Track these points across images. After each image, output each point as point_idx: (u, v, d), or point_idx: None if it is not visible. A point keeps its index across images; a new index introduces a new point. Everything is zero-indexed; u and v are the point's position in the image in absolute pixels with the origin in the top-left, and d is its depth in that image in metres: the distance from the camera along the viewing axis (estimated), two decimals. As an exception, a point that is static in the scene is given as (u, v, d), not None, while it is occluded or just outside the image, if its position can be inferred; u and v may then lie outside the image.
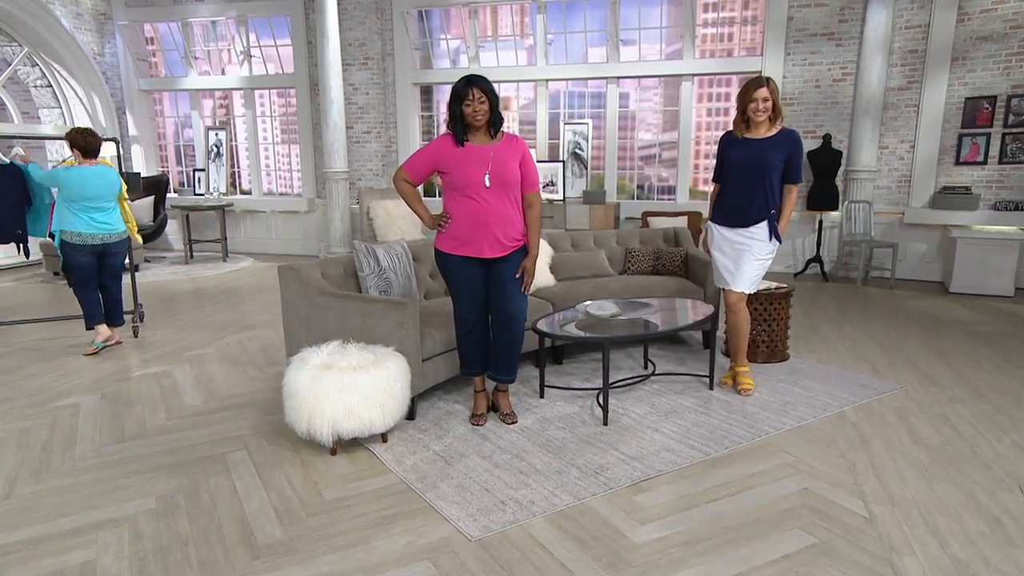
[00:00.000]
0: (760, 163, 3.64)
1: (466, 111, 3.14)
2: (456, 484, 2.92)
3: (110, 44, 9.48)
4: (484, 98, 3.13)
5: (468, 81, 3.13)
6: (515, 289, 3.33)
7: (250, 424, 3.59)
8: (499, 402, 3.63)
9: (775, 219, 3.73)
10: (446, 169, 3.23)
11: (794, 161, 3.67)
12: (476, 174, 3.18)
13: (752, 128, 3.69)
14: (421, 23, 8.83)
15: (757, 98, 3.59)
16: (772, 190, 3.69)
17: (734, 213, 3.79)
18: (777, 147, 3.64)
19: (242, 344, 5.07)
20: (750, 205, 3.71)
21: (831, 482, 2.89)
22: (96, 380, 4.29)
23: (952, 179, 7.01)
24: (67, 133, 4.81)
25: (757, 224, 3.73)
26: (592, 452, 3.20)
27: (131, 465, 3.12)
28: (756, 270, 3.79)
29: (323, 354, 3.26)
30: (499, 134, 3.26)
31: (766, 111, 3.61)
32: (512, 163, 3.23)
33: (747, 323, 3.93)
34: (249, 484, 2.95)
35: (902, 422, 3.50)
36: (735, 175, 3.74)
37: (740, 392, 3.89)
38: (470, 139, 3.23)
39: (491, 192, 3.19)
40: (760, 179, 3.66)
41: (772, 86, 3.60)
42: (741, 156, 3.69)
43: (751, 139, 3.69)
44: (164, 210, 9.00)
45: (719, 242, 3.89)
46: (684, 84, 8.03)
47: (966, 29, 6.70)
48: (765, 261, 3.79)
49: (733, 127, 3.79)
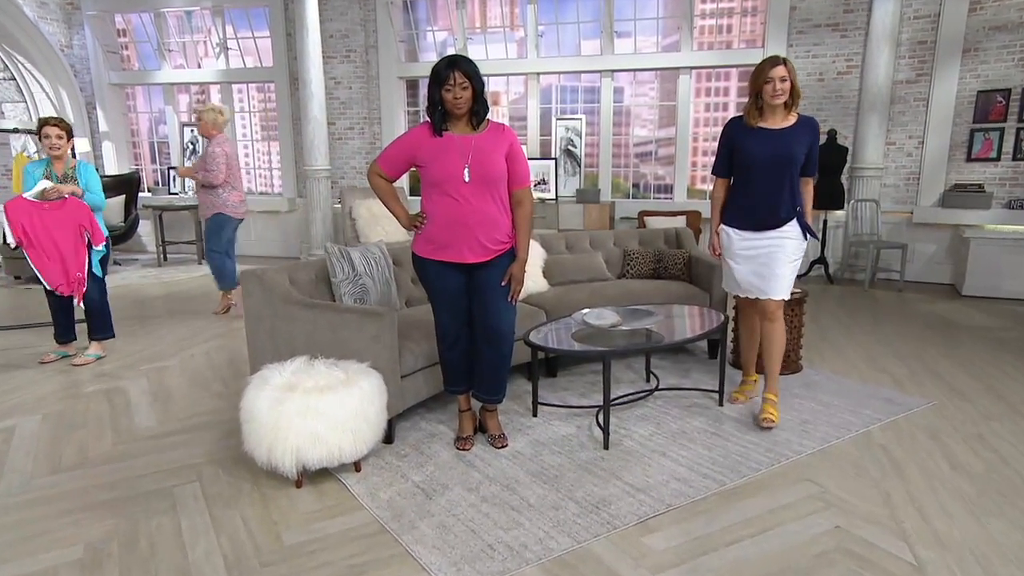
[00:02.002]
0: (787, 157, 3.19)
1: (445, 97, 2.75)
2: (437, 523, 2.53)
3: (78, 35, 9.02)
4: (467, 83, 2.74)
5: (450, 62, 2.74)
6: (501, 299, 2.95)
7: (206, 450, 3.19)
8: (487, 423, 3.25)
9: (803, 215, 3.31)
10: (422, 162, 2.85)
11: (814, 152, 3.27)
12: (454, 167, 2.79)
13: (767, 115, 3.23)
14: (406, 14, 8.44)
15: (774, 77, 3.11)
16: (794, 185, 3.27)
17: (758, 215, 3.30)
18: (800, 138, 3.22)
19: (208, 355, 4.66)
20: (777, 205, 3.25)
21: (866, 518, 2.52)
22: (39, 398, 3.87)
23: (963, 176, 6.69)
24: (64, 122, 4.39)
25: (787, 224, 3.28)
26: (592, 482, 2.83)
27: (62, 503, 2.71)
28: (791, 272, 3.35)
29: (286, 373, 2.87)
30: (483, 124, 2.88)
31: (784, 94, 3.14)
32: (497, 155, 2.84)
33: (784, 336, 3.43)
34: (197, 525, 2.55)
35: (936, 444, 3.15)
36: (756, 170, 3.26)
37: (762, 423, 3.32)
38: (450, 128, 2.84)
39: (471, 188, 2.80)
40: (787, 175, 3.22)
41: (790, 65, 3.15)
42: (763, 149, 3.21)
43: (767, 129, 3.23)
44: (136, 210, 8.55)
45: (738, 248, 3.39)
46: (682, 78, 7.68)
47: (979, 18, 6.38)
48: (798, 261, 3.37)
49: (744, 114, 3.29)
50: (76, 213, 4.26)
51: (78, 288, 4.32)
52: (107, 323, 4.58)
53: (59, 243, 4.22)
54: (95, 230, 4.32)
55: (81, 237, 4.28)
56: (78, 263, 4.29)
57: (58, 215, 4.22)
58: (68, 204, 4.24)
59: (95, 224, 4.32)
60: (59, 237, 4.22)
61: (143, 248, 9.40)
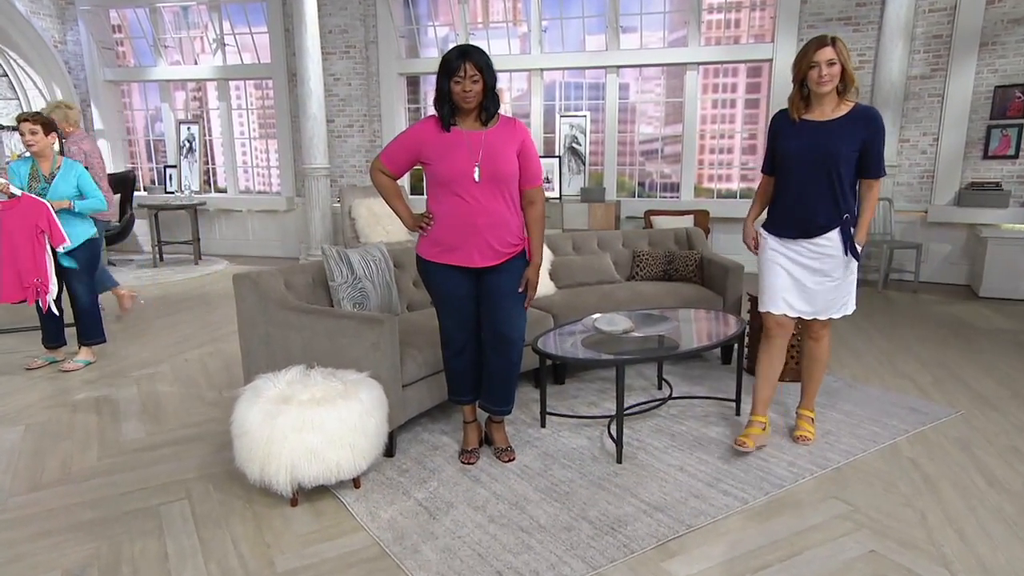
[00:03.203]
0: (826, 153, 2.76)
1: (454, 89, 2.57)
2: (442, 546, 2.36)
3: (72, 31, 8.84)
4: (478, 76, 2.56)
5: (462, 52, 2.56)
6: (511, 305, 2.77)
7: (197, 464, 3.02)
8: (494, 435, 3.07)
9: (850, 225, 2.84)
10: (428, 159, 2.67)
11: (875, 148, 2.77)
12: (463, 165, 2.61)
13: (814, 106, 2.80)
14: (407, 9, 8.26)
15: (819, 61, 2.67)
16: (843, 188, 2.80)
17: (793, 221, 2.90)
18: (850, 130, 2.73)
19: (202, 361, 4.48)
20: (814, 210, 2.83)
21: (902, 541, 2.35)
22: (24, 407, 3.70)
23: (980, 174, 6.51)
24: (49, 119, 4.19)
25: (825, 234, 2.85)
26: (607, 500, 2.66)
27: (40, 523, 2.54)
28: (834, 292, 2.92)
29: (280, 384, 2.70)
30: (493, 119, 2.70)
31: (832, 79, 2.69)
32: (508, 152, 2.67)
33: (827, 357, 3.12)
34: (185, 548, 2.38)
35: (968, 457, 2.97)
36: (792, 170, 2.87)
37: (797, 439, 3.12)
38: (458, 123, 2.67)
39: (481, 188, 2.62)
40: (826, 175, 2.79)
41: (840, 46, 2.69)
42: (799, 145, 2.80)
43: (812, 121, 2.80)
44: (131, 209, 8.36)
45: (775, 257, 2.98)
46: (688, 74, 7.49)
47: (997, 11, 6.19)
48: (847, 282, 2.93)
49: (789, 105, 2.87)
50: (31, 214, 3.93)
51: (41, 294, 4.04)
52: (98, 327, 4.40)
53: (16, 248, 3.93)
54: (54, 231, 4.00)
55: (38, 239, 3.97)
56: (35, 268, 3.98)
57: (11, 216, 3.92)
58: (22, 204, 3.94)
59: (54, 225, 4.00)
60: (16, 241, 3.93)
61: (139, 248, 9.23)
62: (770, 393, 3.09)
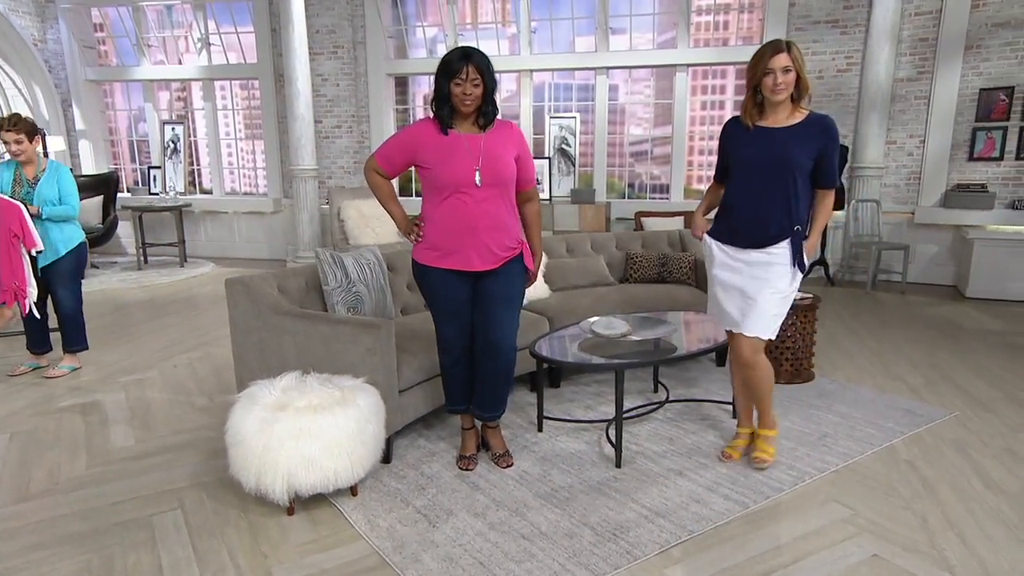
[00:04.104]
0: (779, 161, 2.63)
1: (454, 91, 2.54)
2: (443, 555, 2.33)
3: (52, 29, 8.68)
4: (479, 79, 2.54)
5: (464, 54, 2.53)
6: (505, 311, 2.74)
7: (189, 472, 2.96)
8: (491, 440, 3.04)
9: (800, 237, 2.71)
10: (425, 163, 2.63)
11: (829, 158, 2.65)
12: (464, 170, 2.58)
13: (768, 112, 2.67)
14: (395, 9, 8.20)
15: (774, 68, 2.55)
16: (797, 198, 2.66)
17: (743, 229, 2.75)
18: (804, 138, 2.62)
19: (192, 365, 4.41)
20: (766, 220, 2.70)
21: (904, 545, 2.35)
22: (9, 414, 3.61)
23: (966, 176, 6.58)
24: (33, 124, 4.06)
25: (776, 244, 2.72)
26: (607, 505, 2.64)
27: (29, 536, 2.47)
28: (776, 307, 2.74)
29: (276, 391, 2.65)
30: (490, 125, 2.68)
31: (788, 87, 2.57)
32: (507, 156, 2.66)
33: (770, 378, 2.87)
34: (179, 560, 2.33)
35: (965, 459, 2.99)
36: (744, 177, 2.74)
37: (753, 462, 2.92)
38: (455, 126, 2.63)
39: (482, 192, 2.60)
40: (780, 184, 2.66)
41: (795, 52, 2.56)
42: (754, 151, 2.67)
43: (766, 128, 2.68)
44: (114, 211, 8.24)
45: (719, 267, 2.85)
46: (678, 75, 7.51)
47: (981, 15, 6.26)
48: (787, 295, 2.76)
49: (741, 112, 2.75)
50: (4, 217, 3.84)
51: (19, 298, 3.94)
52: (81, 334, 4.30)
53: None
54: (27, 234, 3.89)
55: (12, 243, 3.87)
56: (12, 272, 3.88)
57: None
58: None
59: (27, 227, 3.89)
60: None
61: (122, 251, 9.08)
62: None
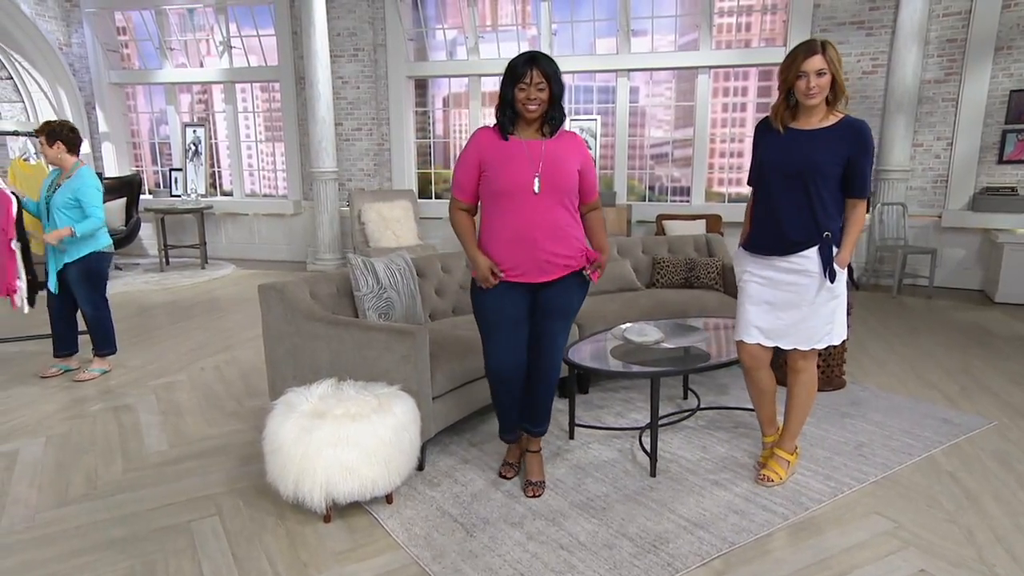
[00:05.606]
0: (800, 164, 2.53)
1: (518, 96, 2.48)
2: (483, 565, 2.31)
3: (77, 33, 8.76)
4: (544, 84, 2.46)
5: (529, 58, 2.47)
6: (561, 329, 2.69)
7: (224, 477, 2.96)
8: (530, 464, 2.87)
9: (829, 245, 2.57)
10: (486, 168, 2.56)
11: (860, 165, 2.52)
12: (522, 175, 2.52)
13: (801, 115, 2.58)
14: (416, 12, 8.21)
15: (808, 71, 2.44)
16: (824, 204, 2.54)
17: (767, 236, 2.66)
18: (833, 143, 2.51)
19: (219, 369, 4.43)
20: (788, 224, 2.58)
21: (951, 560, 2.31)
22: (42, 418, 3.64)
23: (995, 179, 6.48)
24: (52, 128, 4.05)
25: (800, 253, 2.59)
26: (644, 515, 2.61)
27: (71, 541, 2.48)
28: (821, 320, 2.63)
29: (313, 398, 2.65)
30: (555, 133, 2.61)
31: (821, 91, 2.47)
32: (570, 164, 2.57)
33: (810, 392, 2.79)
34: (220, 567, 2.33)
35: (1007, 471, 2.94)
36: (768, 180, 2.64)
37: (758, 478, 2.85)
38: (517, 132, 2.58)
39: (541, 200, 2.53)
40: (802, 187, 2.54)
41: (831, 53, 2.45)
42: (779, 154, 2.57)
43: (795, 130, 2.58)
44: (137, 213, 8.30)
45: (749, 280, 2.74)
46: (700, 77, 7.46)
47: (1013, 15, 6.17)
48: (827, 308, 2.63)
49: (772, 114, 2.64)
50: None
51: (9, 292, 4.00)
52: (108, 339, 4.29)
53: None
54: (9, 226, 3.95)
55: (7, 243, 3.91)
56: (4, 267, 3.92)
57: None
58: None
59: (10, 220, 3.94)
60: None
61: (144, 252, 9.15)
62: (771, 409, 2.93)
